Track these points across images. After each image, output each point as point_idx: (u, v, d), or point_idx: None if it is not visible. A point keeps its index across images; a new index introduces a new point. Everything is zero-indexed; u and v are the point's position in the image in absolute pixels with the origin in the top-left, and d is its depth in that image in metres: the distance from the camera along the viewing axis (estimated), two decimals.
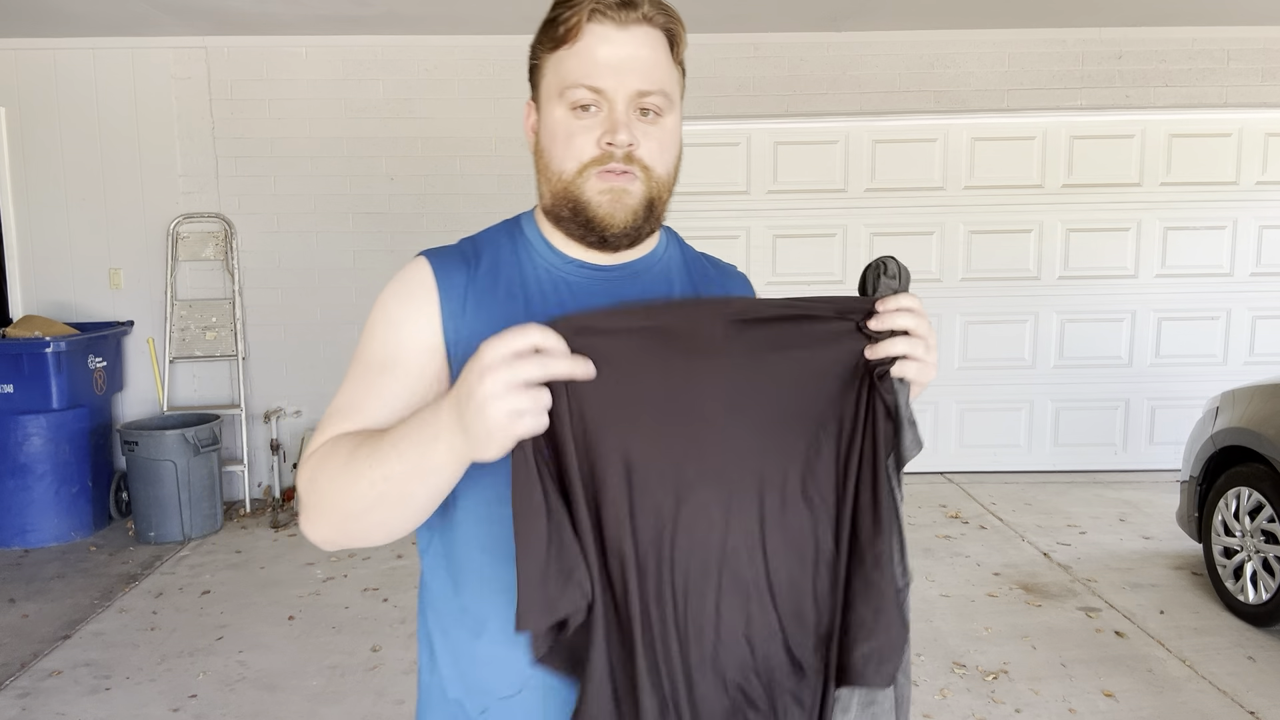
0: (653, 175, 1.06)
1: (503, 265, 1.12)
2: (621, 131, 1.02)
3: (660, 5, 1.06)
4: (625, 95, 1.03)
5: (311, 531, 1.03)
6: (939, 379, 5.94)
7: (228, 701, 3.24)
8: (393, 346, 1.09)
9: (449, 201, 5.58)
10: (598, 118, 1.04)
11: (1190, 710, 3.08)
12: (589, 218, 1.06)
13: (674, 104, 1.08)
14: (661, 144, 1.06)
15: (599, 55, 1.02)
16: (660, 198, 1.09)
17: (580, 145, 1.04)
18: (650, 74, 1.04)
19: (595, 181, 1.04)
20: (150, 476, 4.87)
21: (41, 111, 5.44)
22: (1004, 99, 5.63)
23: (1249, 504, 3.73)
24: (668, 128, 1.07)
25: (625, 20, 1.03)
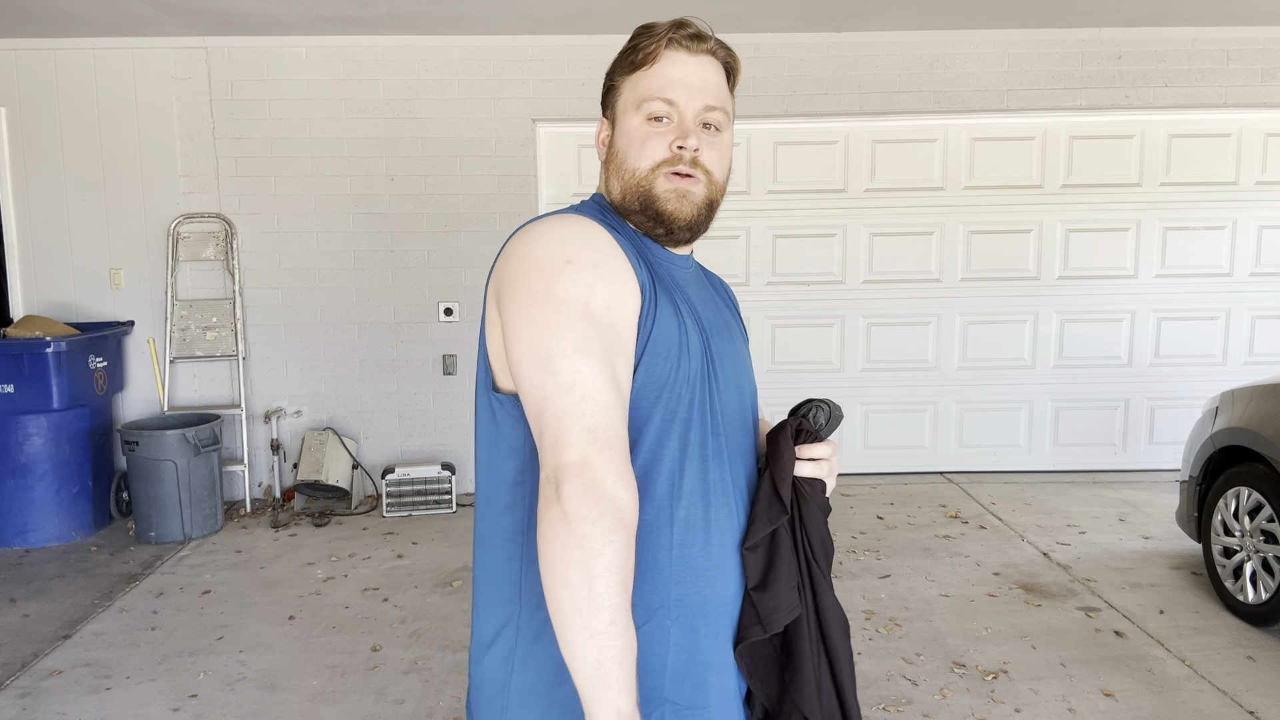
0: (713, 179, 1.23)
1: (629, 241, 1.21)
2: (691, 137, 1.20)
3: (723, 43, 1.27)
4: (694, 109, 1.21)
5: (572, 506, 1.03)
6: (940, 379, 5.95)
7: (228, 701, 3.24)
8: (619, 310, 1.11)
9: (449, 201, 5.59)
10: (670, 126, 1.21)
11: (1190, 710, 3.08)
12: (658, 211, 1.21)
13: (730, 123, 1.27)
14: (720, 154, 1.25)
15: (673, 75, 1.21)
16: (716, 200, 1.25)
17: (654, 148, 1.20)
18: (715, 93, 1.23)
19: (663, 181, 1.20)
20: (151, 476, 4.88)
21: (42, 112, 5.44)
22: (1004, 99, 5.63)
23: (1248, 504, 3.73)
24: (725, 141, 1.26)
25: (696, 49, 1.22)
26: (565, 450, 1.02)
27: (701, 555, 1.17)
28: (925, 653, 3.52)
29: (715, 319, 1.28)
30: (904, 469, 6.00)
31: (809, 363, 5.93)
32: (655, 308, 1.14)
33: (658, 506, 1.15)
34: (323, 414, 5.70)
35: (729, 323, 1.34)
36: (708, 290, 1.34)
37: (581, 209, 1.23)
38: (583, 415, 1.03)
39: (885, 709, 3.11)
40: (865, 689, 3.25)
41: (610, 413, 1.05)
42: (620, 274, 1.12)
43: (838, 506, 5.36)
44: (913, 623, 3.79)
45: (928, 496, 5.53)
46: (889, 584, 4.20)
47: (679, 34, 1.21)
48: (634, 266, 1.14)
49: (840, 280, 5.87)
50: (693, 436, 1.17)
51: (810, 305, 5.88)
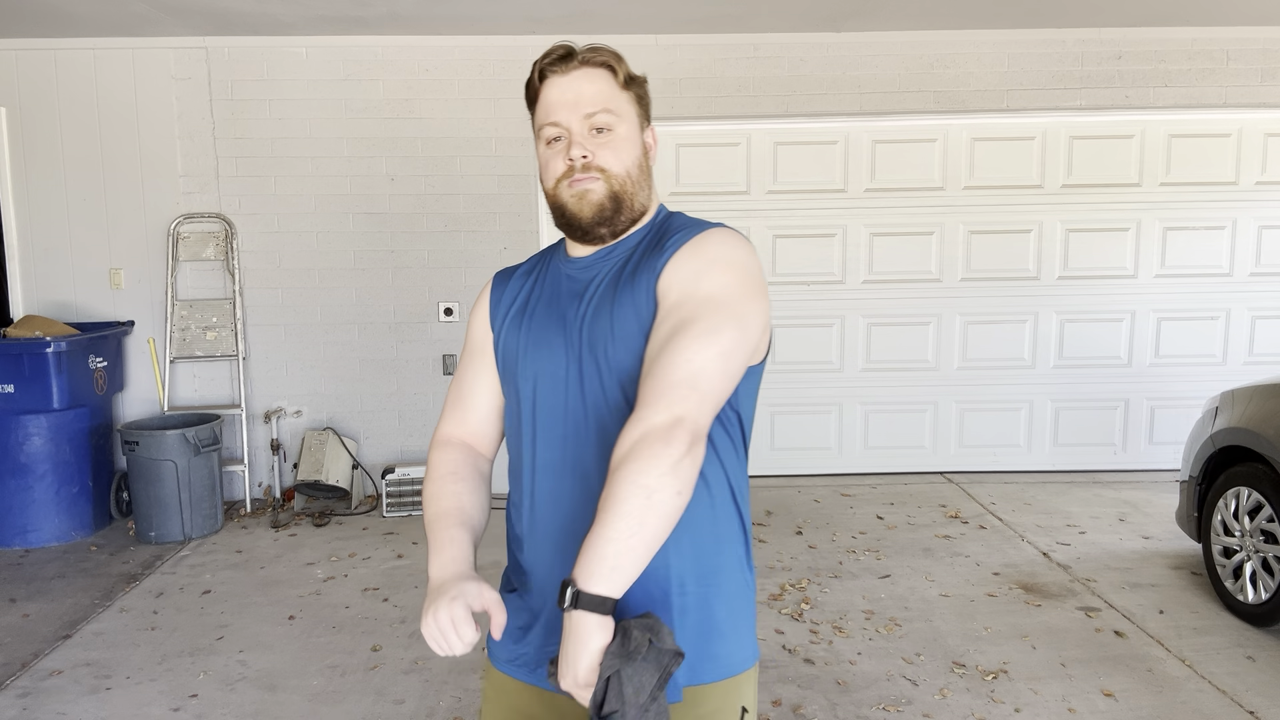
0: (612, 174, 1.36)
1: (534, 267, 1.54)
2: (576, 148, 1.35)
3: (594, 48, 1.38)
4: (577, 121, 1.35)
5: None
6: (940, 379, 5.95)
7: (228, 701, 3.24)
8: (473, 336, 1.56)
9: (449, 201, 5.59)
10: (563, 144, 1.37)
11: (1190, 710, 3.08)
12: (567, 216, 1.39)
13: (623, 117, 1.37)
14: (616, 150, 1.36)
15: (551, 99, 1.37)
16: (624, 190, 1.37)
17: (555, 166, 1.38)
18: (594, 100, 1.35)
19: (566, 190, 1.37)
20: (151, 476, 4.88)
21: (42, 112, 5.44)
22: (1004, 99, 5.63)
23: (1248, 504, 3.73)
24: (621, 135, 1.37)
25: (566, 69, 1.37)
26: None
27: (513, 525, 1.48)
28: (925, 653, 3.52)
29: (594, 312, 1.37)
30: (904, 469, 6.00)
31: (809, 363, 5.93)
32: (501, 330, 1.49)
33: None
34: (323, 414, 5.70)
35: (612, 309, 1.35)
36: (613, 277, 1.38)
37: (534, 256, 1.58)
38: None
39: (885, 709, 3.11)
40: (865, 689, 3.25)
41: (446, 400, 1.57)
42: (476, 313, 1.56)
43: (839, 507, 5.36)
44: (913, 623, 3.79)
45: (928, 496, 5.53)
46: (889, 584, 4.20)
47: (547, 61, 1.37)
48: (493, 303, 1.52)
49: (840, 280, 5.87)
50: (510, 424, 1.48)
51: (810, 305, 5.89)
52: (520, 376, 1.42)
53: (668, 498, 1.15)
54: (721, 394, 1.23)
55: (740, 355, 1.25)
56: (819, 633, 3.70)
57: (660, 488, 1.15)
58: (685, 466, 1.16)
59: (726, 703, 1.34)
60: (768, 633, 3.71)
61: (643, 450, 1.16)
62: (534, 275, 1.50)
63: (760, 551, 4.64)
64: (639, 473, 1.15)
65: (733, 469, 1.37)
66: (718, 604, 1.34)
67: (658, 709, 1.16)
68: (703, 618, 1.33)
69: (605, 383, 1.33)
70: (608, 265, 1.40)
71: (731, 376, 1.25)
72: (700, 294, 1.27)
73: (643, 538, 1.15)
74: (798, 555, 4.59)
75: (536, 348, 1.41)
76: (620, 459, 1.17)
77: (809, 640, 3.64)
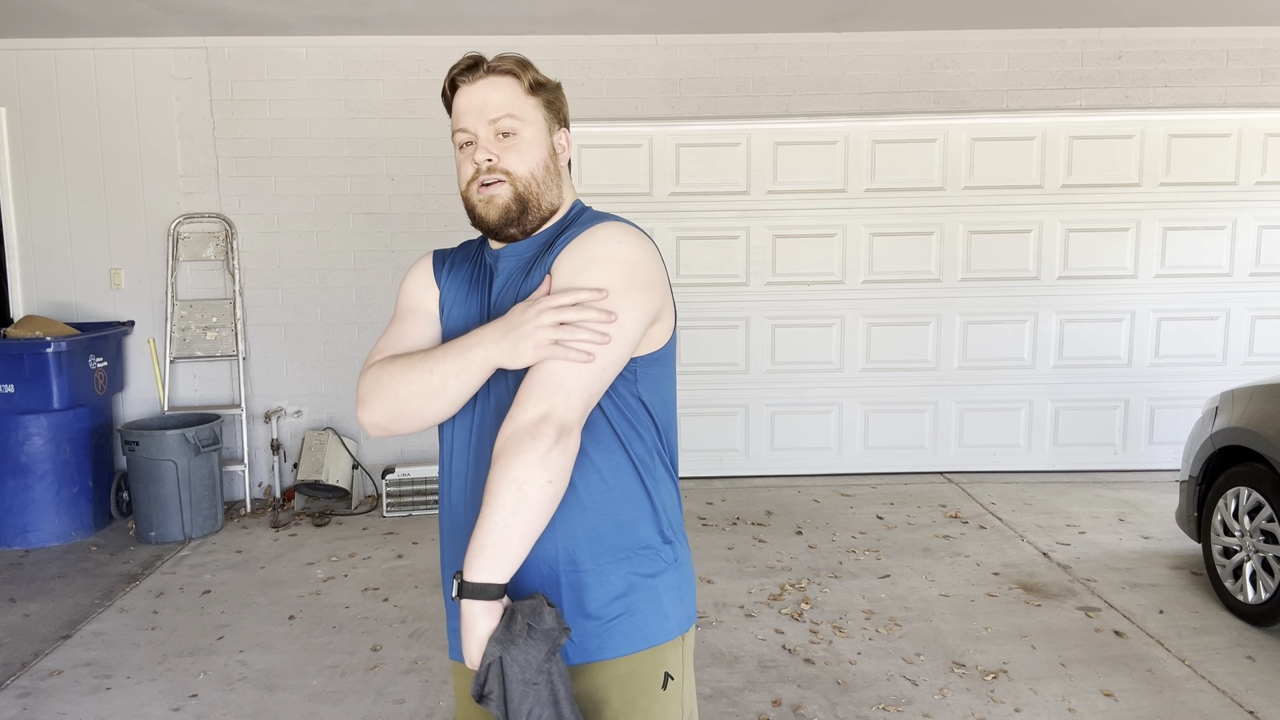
0: (516, 177, 1.44)
1: (467, 253, 1.61)
2: (480, 152, 1.44)
3: (500, 57, 1.47)
4: (483, 126, 1.44)
5: (365, 416, 1.44)
6: (940, 379, 5.95)
7: (228, 701, 3.24)
8: (414, 299, 1.58)
9: (449, 201, 5.59)
10: (471, 149, 1.46)
11: (1189, 710, 3.08)
12: (476, 218, 1.48)
13: (528, 121, 1.45)
14: (520, 153, 1.45)
15: (460, 106, 1.46)
16: (529, 191, 1.45)
17: (465, 170, 1.47)
18: (498, 106, 1.44)
19: (476, 193, 1.46)
20: (151, 476, 4.88)
21: (42, 112, 5.44)
22: (1004, 99, 5.63)
23: (1248, 504, 3.73)
24: (525, 139, 1.45)
25: (473, 78, 1.46)
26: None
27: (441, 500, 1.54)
28: (925, 653, 3.52)
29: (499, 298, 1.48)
30: (904, 469, 6.00)
31: (809, 363, 5.93)
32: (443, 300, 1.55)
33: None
34: (323, 414, 5.70)
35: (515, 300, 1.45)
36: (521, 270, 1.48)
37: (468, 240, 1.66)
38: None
39: (885, 709, 3.11)
40: (865, 689, 3.25)
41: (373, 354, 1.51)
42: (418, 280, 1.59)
43: (839, 507, 5.36)
44: (913, 623, 3.79)
45: (928, 496, 5.53)
46: (889, 584, 4.20)
47: (456, 71, 1.47)
48: (437, 274, 1.58)
49: (840, 280, 5.87)
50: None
51: (810, 305, 5.89)
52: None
53: (538, 487, 1.27)
54: (591, 388, 1.33)
55: (612, 351, 1.34)
56: (819, 633, 3.70)
57: (529, 479, 1.26)
58: (554, 457, 1.27)
59: (644, 668, 1.43)
60: (768, 633, 3.71)
61: (512, 446, 1.28)
62: (468, 261, 1.58)
63: (760, 551, 4.64)
64: (509, 467, 1.27)
65: (639, 454, 1.44)
66: (618, 580, 1.42)
67: (550, 678, 1.26)
68: (601, 593, 1.41)
69: (505, 371, 1.39)
70: (516, 258, 1.50)
71: (602, 370, 1.33)
72: (586, 282, 1.38)
73: (518, 526, 1.27)
74: (798, 555, 4.59)
75: (458, 333, 1.48)
76: (496, 455, 1.30)
77: (809, 640, 3.64)
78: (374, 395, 1.42)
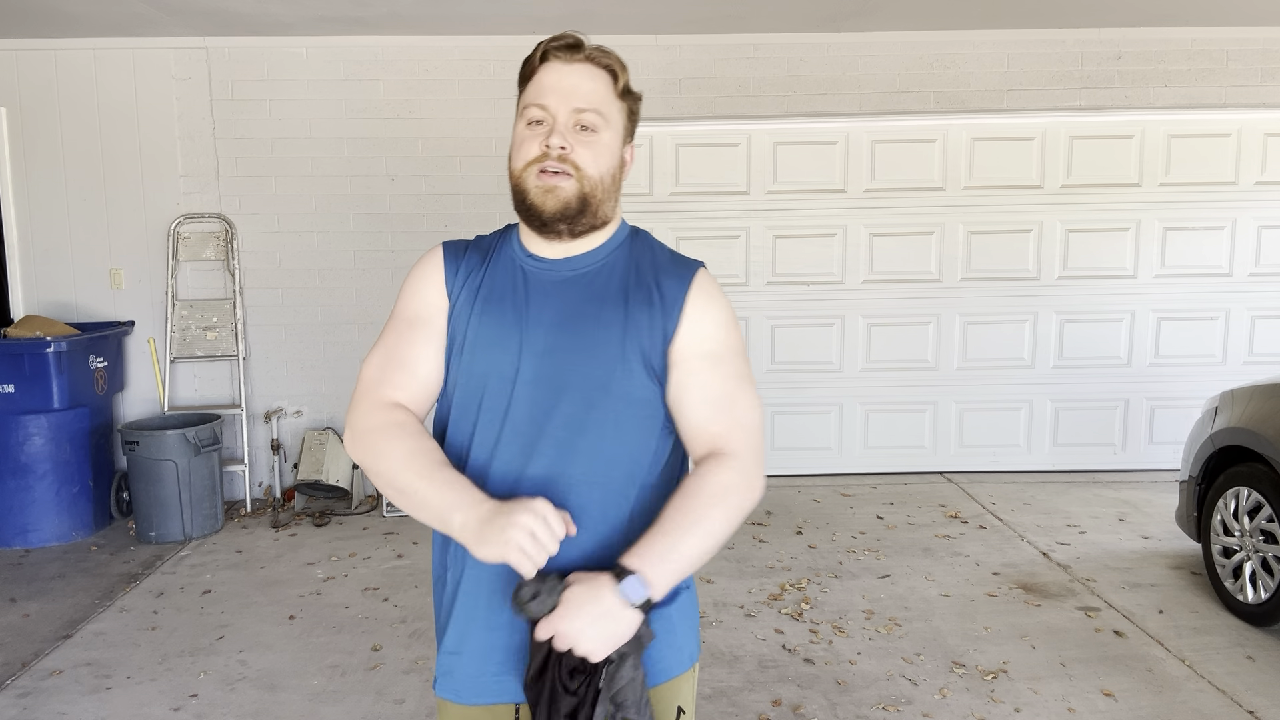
0: (585, 175, 1.33)
1: (486, 251, 1.46)
2: (556, 136, 1.32)
3: (603, 50, 1.38)
4: (565, 111, 1.33)
5: (347, 446, 1.42)
6: (940, 379, 5.95)
7: (228, 701, 3.24)
8: (419, 306, 1.43)
9: (449, 201, 5.59)
10: (544, 129, 1.34)
11: (1189, 710, 3.08)
12: (528, 205, 1.35)
13: (610, 124, 1.36)
14: (596, 153, 1.34)
15: (546, 82, 1.34)
16: (593, 194, 1.35)
17: (527, 149, 1.34)
18: (588, 97, 1.33)
19: (534, 178, 1.33)
20: (151, 476, 4.88)
21: (42, 112, 5.44)
22: (1004, 99, 5.63)
23: (1248, 504, 3.73)
24: (603, 141, 1.35)
25: (571, 59, 1.35)
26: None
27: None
28: (925, 653, 3.52)
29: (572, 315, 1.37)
30: (904, 469, 6.00)
31: (809, 363, 5.93)
32: (453, 310, 1.41)
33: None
34: (323, 414, 5.70)
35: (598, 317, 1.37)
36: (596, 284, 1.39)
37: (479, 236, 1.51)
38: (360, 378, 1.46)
39: (885, 709, 3.12)
40: (865, 689, 3.25)
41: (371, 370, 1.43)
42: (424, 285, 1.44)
43: (839, 507, 5.36)
44: (913, 623, 3.79)
45: (928, 496, 5.53)
46: (889, 584, 4.20)
47: (554, 45, 1.36)
48: (448, 279, 1.42)
49: (840, 280, 5.88)
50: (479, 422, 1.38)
51: (810, 305, 5.89)
52: (474, 368, 1.38)
53: (722, 542, 1.30)
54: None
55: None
56: (819, 633, 3.71)
57: (727, 534, 1.29)
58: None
59: (661, 706, 1.39)
60: (768, 633, 3.71)
61: (733, 496, 1.30)
62: (487, 262, 1.43)
63: (760, 551, 4.65)
64: (729, 510, 1.29)
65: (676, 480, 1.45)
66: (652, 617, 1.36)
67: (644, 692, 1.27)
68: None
69: (562, 391, 1.33)
70: (579, 274, 1.39)
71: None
72: (732, 346, 1.39)
73: (694, 563, 1.27)
74: (797, 555, 4.59)
75: (489, 346, 1.38)
76: (711, 486, 1.29)
77: (809, 640, 3.64)
78: (358, 447, 1.38)
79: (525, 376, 1.35)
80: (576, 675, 1.22)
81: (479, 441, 1.37)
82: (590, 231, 1.39)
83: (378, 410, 1.39)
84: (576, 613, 1.21)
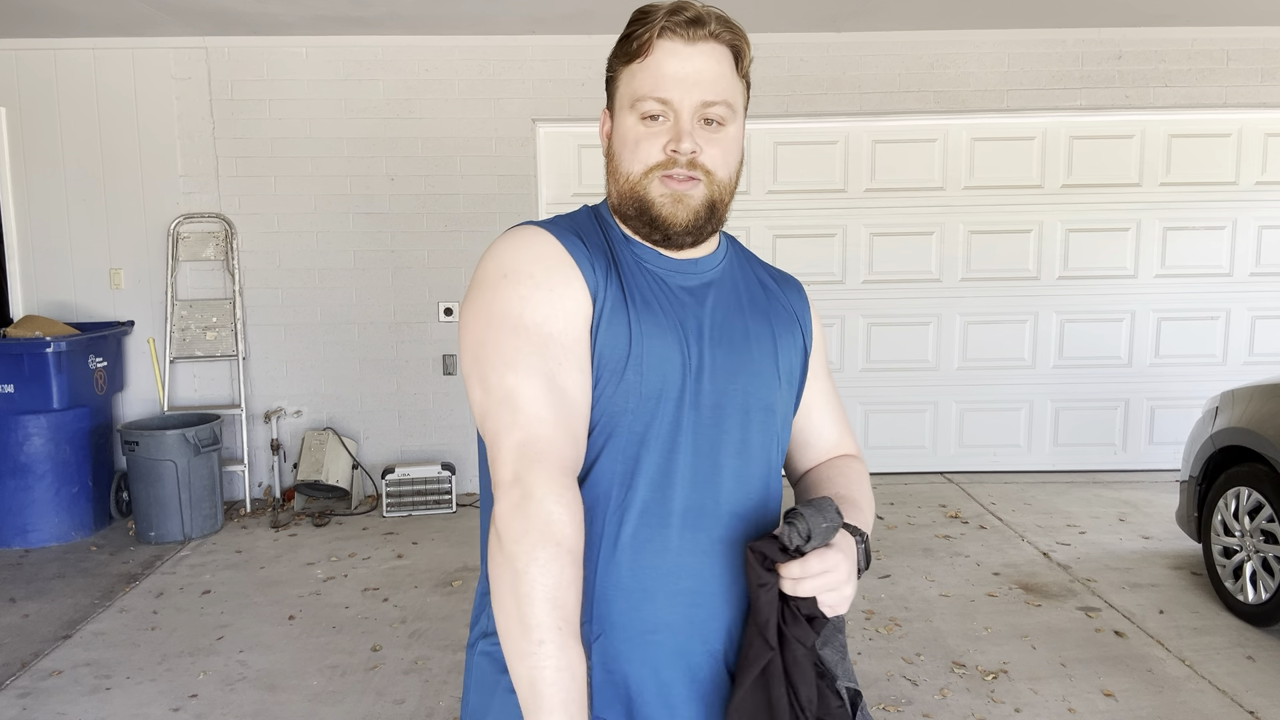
0: (715, 179, 1.16)
1: (603, 242, 1.19)
2: (685, 140, 1.11)
3: (727, 23, 1.14)
4: (690, 106, 1.12)
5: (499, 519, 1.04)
6: (940, 379, 5.94)
7: (228, 701, 3.24)
8: (565, 320, 1.09)
9: (449, 201, 5.59)
10: (664, 126, 1.13)
11: (1190, 710, 3.08)
12: (653, 216, 1.15)
13: (737, 114, 1.17)
14: (725, 150, 1.16)
15: (667, 69, 1.11)
16: (722, 200, 1.19)
17: (647, 151, 1.13)
18: (715, 86, 1.12)
19: (658, 185, 1.14)
20: (151, 476, 4.88)
21: (42, 112, 5.44)
22: (1004, 99, 5.63)
23: (1248, 504, 3.73)
24: (731, 136, 1.16)
25: (693, 37, 1.12)
26: (500, 467, 1.03)
27: (630, 576, 1.12)
28: (925, 653, 3.52)
29: (722, 327, 1.19)
30: (904, 469, 6.00)
31: None
32: (601, 319, 1.11)
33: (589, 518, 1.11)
34: (323, 414, 5.70)
35: (747, 331, 1.22)
36: (731, 294, 1.24)
37: (557, 219, 1.21)
38: (513, 430, 1.03)
39: (885, 709, 3.11)
40: (865, 689, 3.25)
41: (544, 424, 1.03)
42: (562, 283, 1.10)
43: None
44: (913, 623, 3.79)
45: (928, 496, 5.53)
46: (889, 584, 4.20)
47: (674, 20, 1.11)
48: (587, 275, 1.11)
49: (840, 280, 5.87)
50: (644, 453, 1.12)
51: None
52: (644, 389, 1.12)
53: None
54: None
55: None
56: None
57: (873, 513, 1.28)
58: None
59: None
60: None
61: (866, 476, 1.32)
62: (605, 258, 1.17)
63: None
64: (869, 485, 1.30)
65: None
66: None
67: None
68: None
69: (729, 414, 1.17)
70: (707, 281, 1.23)
71: None
72: (827, 353, 1.41)
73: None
74: None
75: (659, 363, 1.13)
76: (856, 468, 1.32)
77: None
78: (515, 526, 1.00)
79: (695, 399, 1.15)
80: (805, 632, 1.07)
81: (644, 481, 1.12)
82: (712, 235, 1.24)
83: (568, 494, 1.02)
84: (847, 558, 1.07)
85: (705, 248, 1.24)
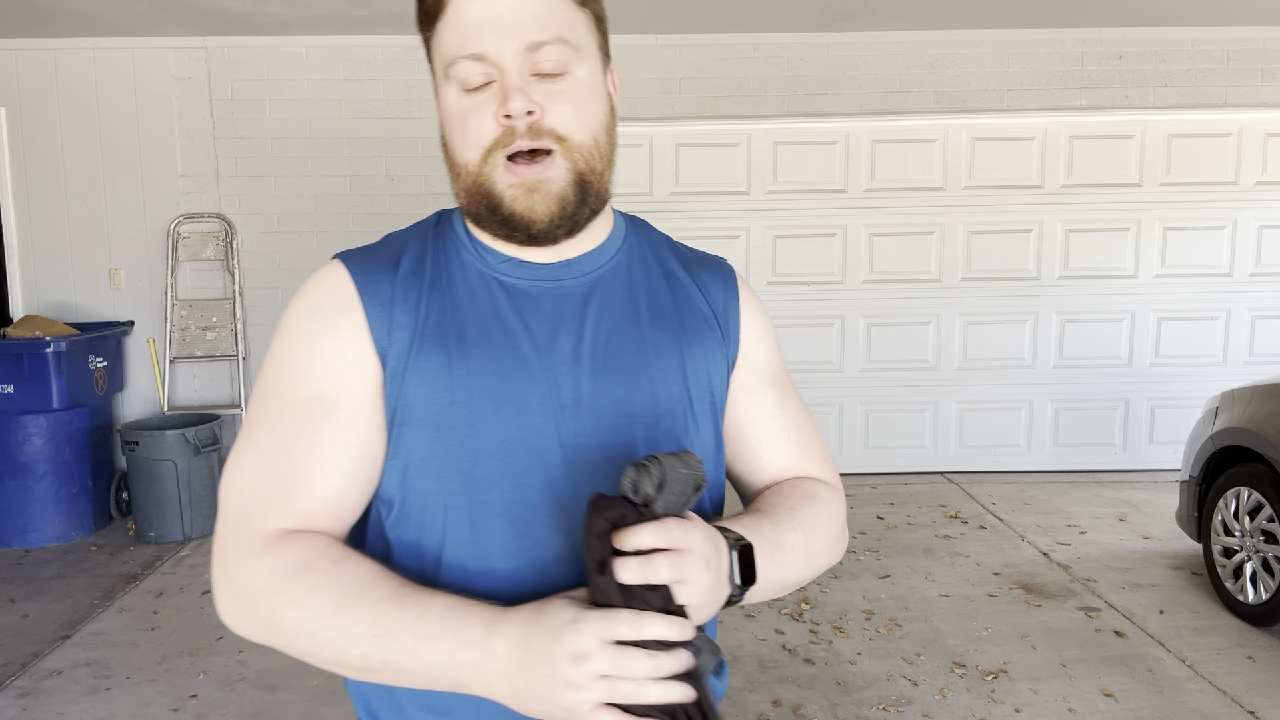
0: (572, 145, 0.89)
1: (420, 262, 0.96)
2: (515, 98, 0.85)
3: None
4: (513, 53, 0.86)
5: (234, 623, 0.85)
6: (940, 379, 5.94)
7: (228, 701, 3.24)
8: (320, 377, 0.90)
9: (449, 201, 5.52)
10: (493, 90, 0.88)
11: (1190, 710, 3.08)
12: (506, 215, 0.90)
13: (582, 53, 0.90)
14: (576, 104, 0.88)
15: (471, 15, 0.88)
16: (592, 169, 0.91)
17: (478, 127, 0.88)
18: (540, 22, 0.86)
19: (503, 174, 0.89)
20: (151, 476, 4.88)
21: (42, 112, 5.44)
22: (1004, 99, 5.63)
23: (1248, 504, 3.73)
24: (580, 81, 0.89)
25: None
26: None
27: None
28: (925, 653, 3.52)
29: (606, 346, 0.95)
30: (904, 469, 6.00)
31: (809, 363, 5.93)
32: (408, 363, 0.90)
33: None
34: None
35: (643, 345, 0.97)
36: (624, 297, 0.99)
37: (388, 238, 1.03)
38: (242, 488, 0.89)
39: (885, 709, 3.11)
40: (865, 689, 3.25)
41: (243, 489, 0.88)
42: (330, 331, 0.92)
43: None
44: (913, 623, 3.79)
45: (928, 496, 5.53)
46: (889, 584, 4.20)
47: None
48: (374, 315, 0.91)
49: (840, 280, 5.87)
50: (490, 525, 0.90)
51: (810, 305, 5.88)
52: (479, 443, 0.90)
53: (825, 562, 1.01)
54: None
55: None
56: (819, 633, 3.70)
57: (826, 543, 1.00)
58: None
59: None
60: (768, 633, 3.71)
61: (834, 503, 1.03)
62: (428, 279, 0.95)
63: None
64: (833, 512, 1.01)
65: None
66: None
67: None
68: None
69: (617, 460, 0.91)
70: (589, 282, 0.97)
71: None
72: (780, 356, 1.12)
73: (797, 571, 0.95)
74: None
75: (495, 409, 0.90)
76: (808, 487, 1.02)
77: (809, 640, 3.64)
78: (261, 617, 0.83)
79: (559, 445, 0.91)
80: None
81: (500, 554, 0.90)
82: (591, 220, 0.95)
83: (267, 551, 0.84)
84: (704, 539, 0.80)
85: (588, 239, 0.98)
